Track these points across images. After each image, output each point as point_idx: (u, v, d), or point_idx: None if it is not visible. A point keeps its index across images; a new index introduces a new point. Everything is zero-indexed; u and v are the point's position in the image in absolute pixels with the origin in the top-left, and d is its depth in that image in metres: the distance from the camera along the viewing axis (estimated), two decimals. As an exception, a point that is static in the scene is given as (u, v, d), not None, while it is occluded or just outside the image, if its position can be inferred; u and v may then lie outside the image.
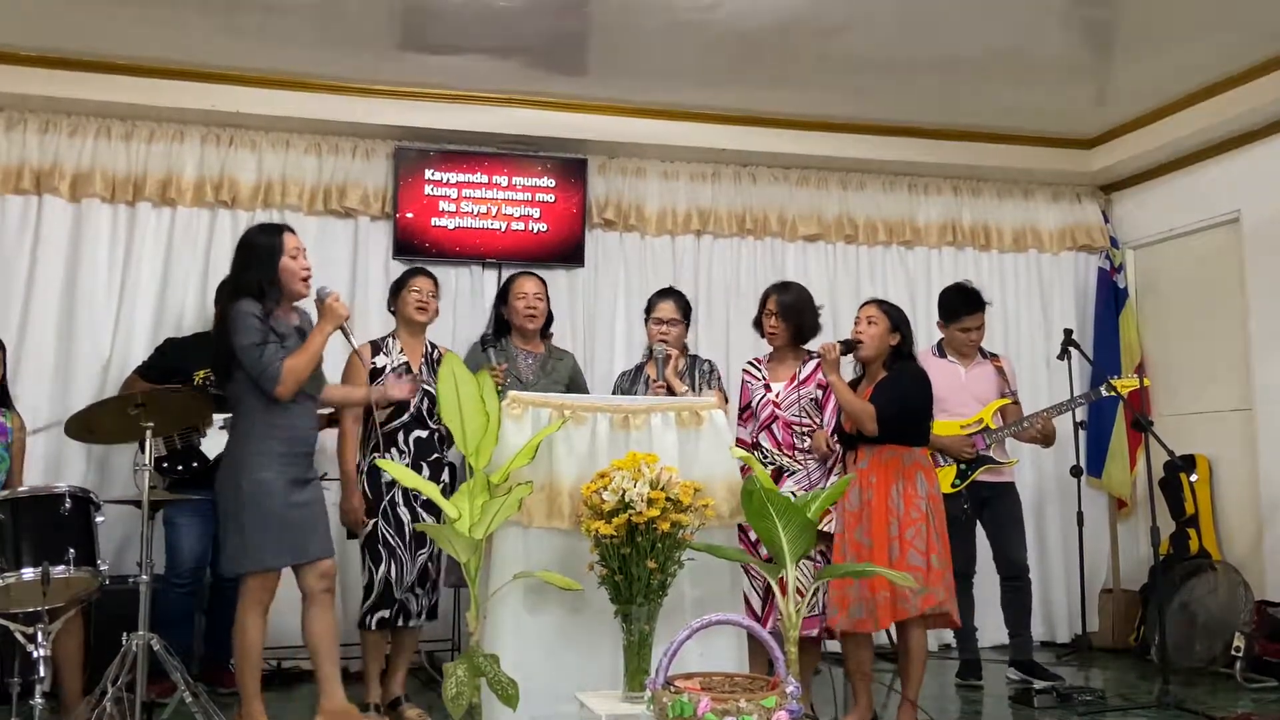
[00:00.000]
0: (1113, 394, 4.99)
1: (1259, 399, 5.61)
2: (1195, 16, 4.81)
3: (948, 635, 5.51)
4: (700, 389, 4.22)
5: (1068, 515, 6.01)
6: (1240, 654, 4.92)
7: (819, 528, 3.79)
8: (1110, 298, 6.46)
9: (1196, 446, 5.89)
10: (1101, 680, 5.07)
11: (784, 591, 3.21)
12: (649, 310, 4.44)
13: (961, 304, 5.09)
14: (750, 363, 4.31)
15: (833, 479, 3.98)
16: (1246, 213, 5.72)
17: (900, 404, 3.93)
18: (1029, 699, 4.40)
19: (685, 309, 4.39)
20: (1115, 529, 6.37)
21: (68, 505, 3.49)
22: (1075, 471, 5.81)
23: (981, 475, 4.93)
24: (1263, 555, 5.46)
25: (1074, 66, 5.41)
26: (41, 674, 3.31)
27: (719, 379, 4.33)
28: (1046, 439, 5.05)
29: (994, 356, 5.22)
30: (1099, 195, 6.73)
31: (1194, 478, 5.76)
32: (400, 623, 4.08)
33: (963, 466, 4.92)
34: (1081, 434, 5.91)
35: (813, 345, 4.26)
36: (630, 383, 4.36)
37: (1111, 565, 6.30)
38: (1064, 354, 5.67)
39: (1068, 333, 5.76)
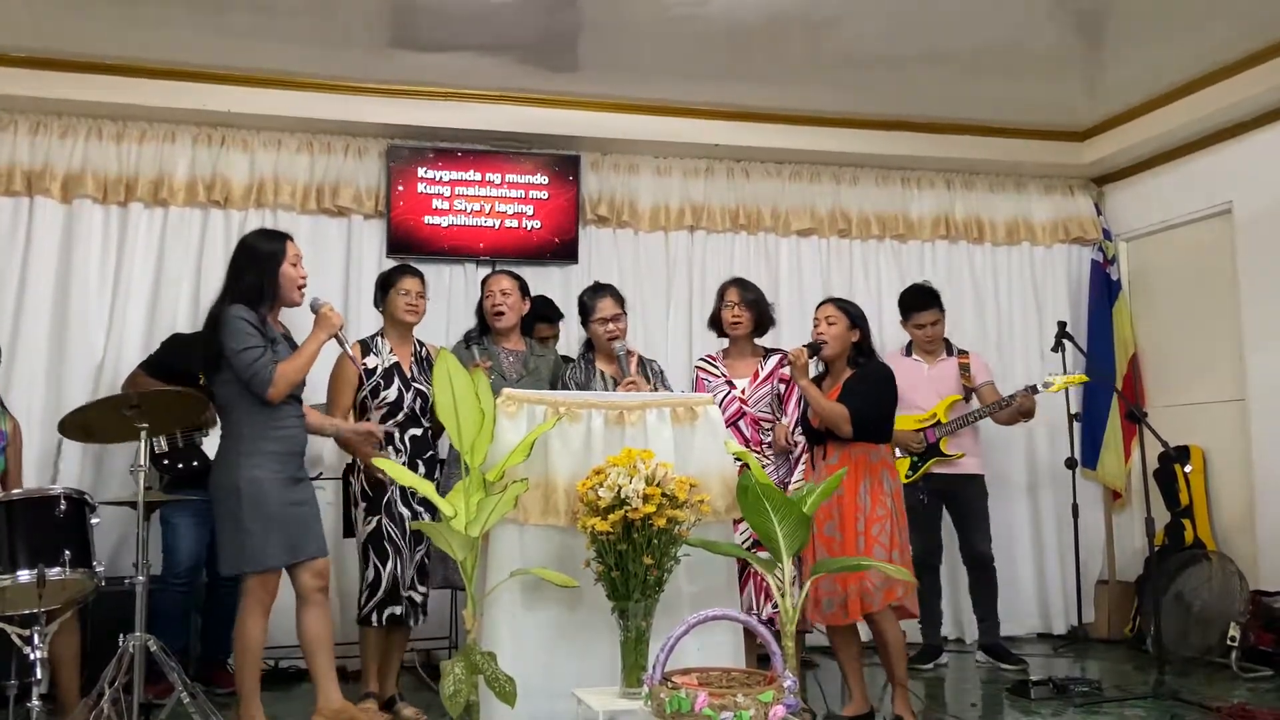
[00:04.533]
0: (1049, 391, 5.21)
1: (1252, 389, 5.62)
2: (1186, 8, 4.81)
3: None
4: (656, 388, 4.24)
5: (1063, 507, 6.04)
6: (1235, 644, 4.94)
7: None
8: (1103, 290, 6.47)
9: (1191, 437, 5.91)
10: (1098, 671, 5.07)
11: (781, 586, 3.22)
12: (587, 312, 4.39)
13: (912, 301, 5.35)
14: (704, 359, 4.32)
15: (798, 472, 4.03)
16: (1238, 204, 5.73)
17: (870, 403, 3.95)
18: (1025, 690, 4.41)
19: (623, 301, 4.40)
20: (1110, 520, 6.39)
21: (63, 507, 3.48)
22: (1070, 463, 5.85)
23: (940, 467, 5.18)
24: (1257, 545, 5.48)
25: (1065, 59, 5.41)
26: (38, 676, 3.30)
27: (665, 380, 4.38)
28: (1024, 416, 5.21)
29: (962, 353, 5.34)
30: (1091, 188, 6.74)
31: (1188, 469, 5.78)
32: (411, 620, 4.11)
33: (914, 459, 5.16)
34: (1076, 426, 5.94)
35: (767, 342, 4.30)
36: (585, 378, 4.34)
37: (1107, 556, 6.32)
38: (1058, 346, 5.74)
39: (1061, 325, 5.81)
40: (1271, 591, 5.18)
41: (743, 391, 4.12)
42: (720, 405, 4.11)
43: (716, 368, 4.24)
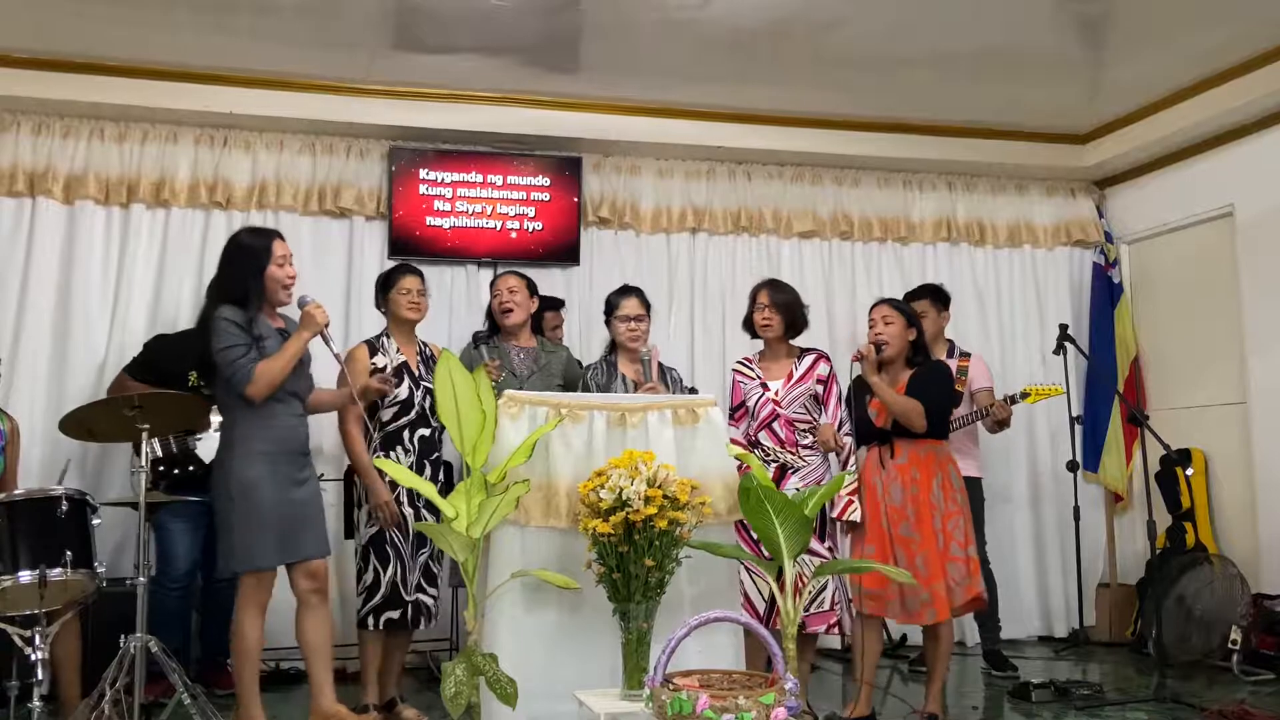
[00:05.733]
0: (1026, 402, 5.22)
1: (1253, 393, 5.61)
2: (1188, 11, 4.81)
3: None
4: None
5: (1064, 510, 6.04)
6: (1237, 647, 4.94)
7: (844, 517, 3.85)
8: (1105, 292, 6.48)
9: (1192, 440, 5.91)
10: (1099, 674, 5.08)
11: (782, 588, 3.22)
12: (611, 310, 4.41)
13: (907, 294, 5.33)
14: (741, 362, 4.32)
15: (849, 470, 4.01)
16: (1240, 207, 5.73)
17: (939, 399, 4.03)
18: (1027, 693, 4.41)
19: (648, 305, 4.41)
20: (1112, 523, 6.39)
21: (64, 508, 3.49)
22: (1071, 466, 5.84)
23: None
24: (1259, 548, 5.47)
25: (1067, 62, 5.42)
26: (39, 677, 3.31)
27: (683, 388, 4.38)
28: (1002, 425, 5.20)
29: (964, 356, 5.30)
30: (1093, 190, 6.74)
31: (1190, 472, 5.78)
32: (418, 624, 4.12)
33: None
34: (1077, 429, 5.94)
35: (801, 342, 4.29)
36: (607, 380, 4.33)
37: (1108, 559, 6.32)
38: (1059, 349, 5.74)
39: (1063, 328, 5.80)
40: (1273, 595, 5.18)
41: (776, 393, 4.11)
42: (755, 407, 4.13)
43: (752, 369, 4.24)
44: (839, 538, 4.10)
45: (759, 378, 4.19)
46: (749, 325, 4.30)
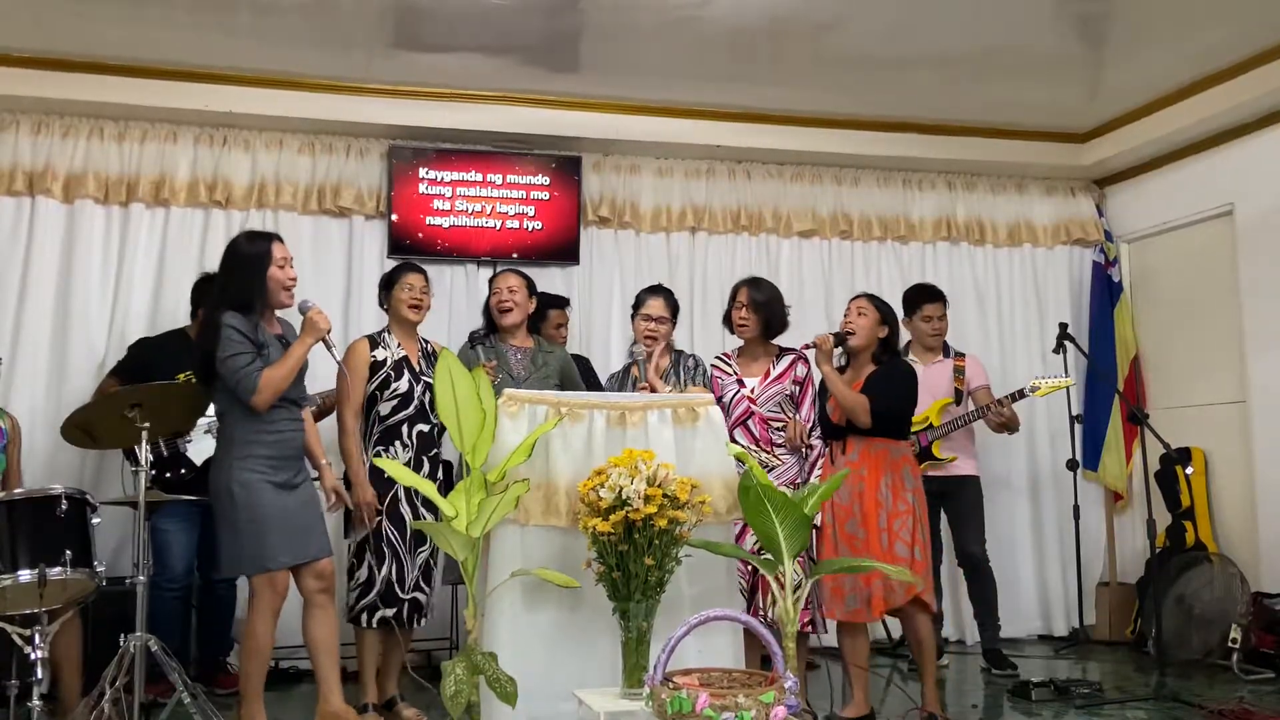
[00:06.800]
0: (1035, 395, 5.20)
1: (1253, 392, 5.61)
2: (1188, 10, 4.81)
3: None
4: (686, 385, 4.21)
5: (1064, 508, 6.04)
6: (1237, 646, 4.94)
7: None
8: (1105, 291, 6.48)
9: (1192, 439, 5.90)
10: (1099, 673, 5.08)
11: (782, 587, 3.22)
12: (637, 306, 4.41)
13: (920, 294, 5.36)
14: (720, 358, 4.32)
15: (816, 473, 4.01)
16: (1240, 206, 5.73)
17: (892, 398, 4.00)
18: (1027, 692, 4.41)
19: (674, 307, 4.40)
20: (1112, 522, 6.39)
21: (64, 507, 3.48)
22: (1071, 465, 5.85)
23: (933, 470, 5.11)
24: (1258, 547, 5.47)
25: (1067, 61, 5.42)
26: (39, 676, 3.30)
27: (705, 374, 4.34)
28: (1008, 428, 5.23)
29: (959, 356, 5.33)
30: (1093, 189, 6.74)
31: (1190, 470, 5.78)
32: (414, 623, 4.10)
33: None
34: (1077, 427, 5.94)
35: (784, 340, 4.28)
36: (620, 385, 4.35)
37: (1108, 558, 6.32)
38: (1059, 348, 5.75)
39: (1063, 326, 5.81)
40: (1272, 593, 5.18)
41: (752, 391, 4.11)
42: (730, 403, 4.12)
43: (730, 366, 4.24)
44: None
45: (735, 374, 4.19)
46: (728, 321, 4.30)
